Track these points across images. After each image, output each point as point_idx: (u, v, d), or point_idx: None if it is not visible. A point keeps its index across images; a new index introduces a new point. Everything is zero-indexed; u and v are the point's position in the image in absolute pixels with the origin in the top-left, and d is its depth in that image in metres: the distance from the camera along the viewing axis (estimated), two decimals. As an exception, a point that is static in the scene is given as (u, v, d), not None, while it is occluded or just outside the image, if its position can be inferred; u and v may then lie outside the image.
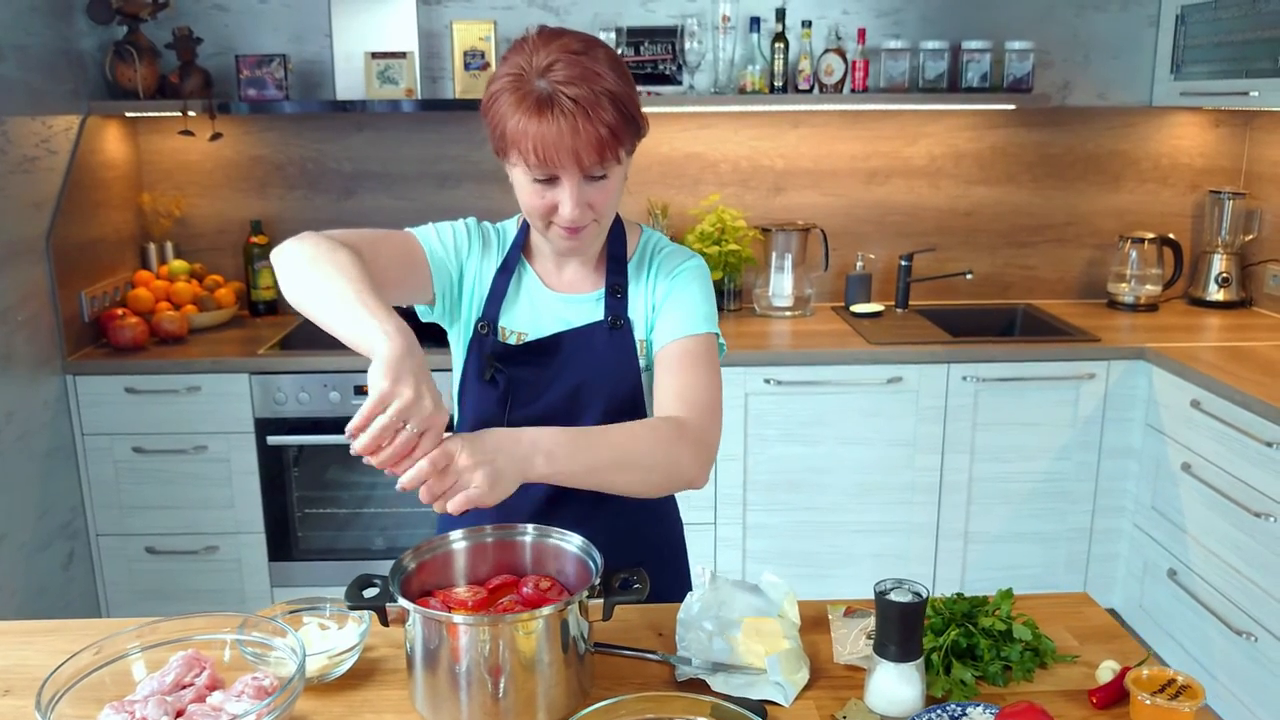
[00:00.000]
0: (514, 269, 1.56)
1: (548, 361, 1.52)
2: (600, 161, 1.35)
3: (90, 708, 1.17)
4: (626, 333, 1.54)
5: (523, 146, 1.34)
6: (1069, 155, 3.60)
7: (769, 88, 3.32)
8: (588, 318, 1.54)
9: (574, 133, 1.31)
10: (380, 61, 3.22)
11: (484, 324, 1.54)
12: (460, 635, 1.17)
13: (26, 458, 2.84)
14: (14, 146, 2.78)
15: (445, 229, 1.58)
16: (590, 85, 1.32)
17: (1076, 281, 3.71)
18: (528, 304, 1.56)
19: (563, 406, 1.51)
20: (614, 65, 1.37)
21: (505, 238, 1.60)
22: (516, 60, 1.35)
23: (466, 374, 1.57)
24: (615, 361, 1.53)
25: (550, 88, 1.31)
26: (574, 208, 1.38)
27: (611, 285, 1.55)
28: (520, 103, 1.33)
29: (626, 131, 1.36)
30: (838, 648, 1.39)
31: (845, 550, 3.22)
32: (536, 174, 1.37)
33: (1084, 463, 3.17)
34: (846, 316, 3.48)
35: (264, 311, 3.54)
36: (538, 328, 1.54)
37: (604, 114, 1.32)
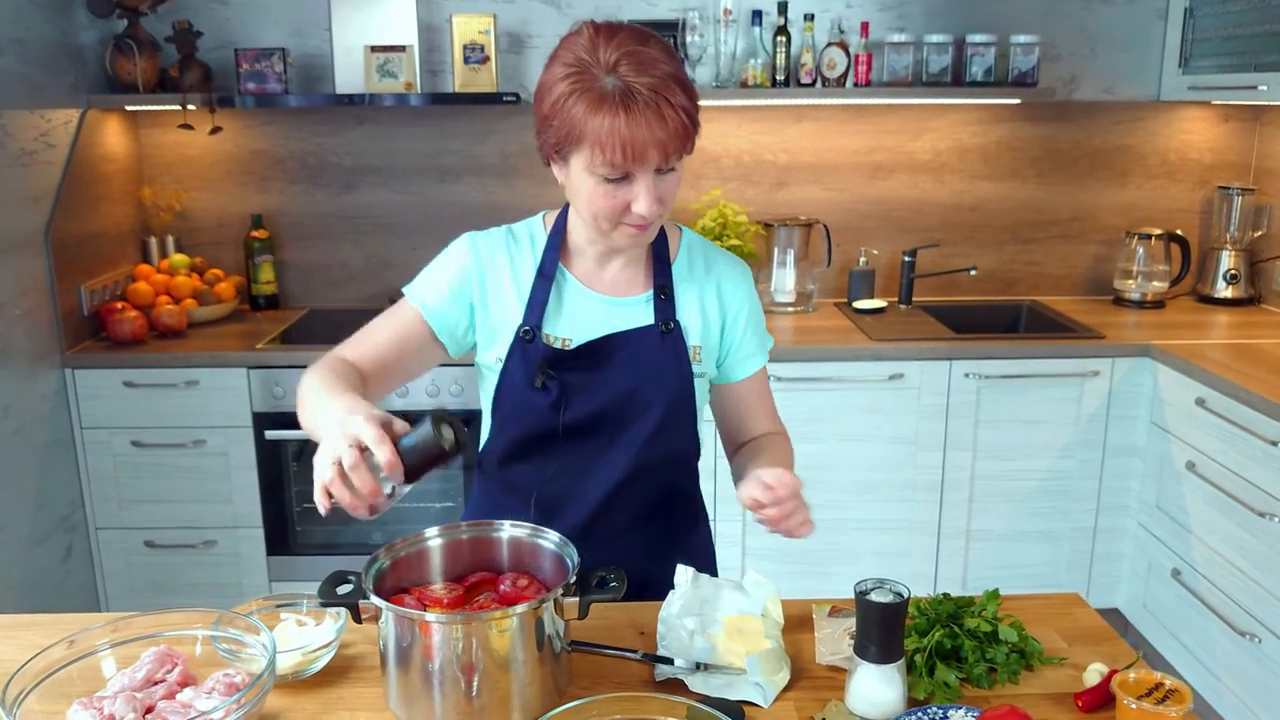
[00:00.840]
0: (553, 274, 1.51)
1: (598, 365, 1.49)
2: (682, 149, 1.33)
3: (59, 703, 1.16)
4: (677, 336, 1.51)
5: (608, 146, 1.29)
6: (1075, 150, 3.56)
7: (771, 81, 3.29)
8: (637, 321, 1.51)
9: (660, 123, 1.29)
10: (380, 55, 3.20)
11: (528, 331, 1.49)
12: (432, 633, 1.16)
13: (25, 451, 2.84)
14: (12, 140, 2.78)
15: (441, 276, 1.52)
16: (656, 72, 1.30)
17: (1082, 278, 3.67)
18: (571, 309, 1.51)
19: (616, 410, 1.49)
20: (668, 52, 1.35)
21: (535, 239, 1.54)
22: (574, 58, 1.32)
23: (508, 381, 1.51)
24: (669, 365, 1.51)
25: (624, 83, 1.29)
26: (651, 203, 1.34)
27: (659, 287, 1.52)
28: (600, 102, 1.29)
29: (697, 115, 1.35)
30: (820, 648, 1.37)
31: (846, 548, 3.19)
32: (613, 174, 1.33)
33: (1088, 461, 3.13)
34: (849, 312, 3.45)
35: (264, 306, 3.53)
36: (584, 332, 1.50)
37: (679, 99, 1.31)
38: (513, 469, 1.55)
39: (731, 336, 1.57)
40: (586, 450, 1.51)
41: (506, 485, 1.56)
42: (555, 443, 1.50)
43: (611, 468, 1.51)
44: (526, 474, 1.53)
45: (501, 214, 3.52)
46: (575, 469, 1.51)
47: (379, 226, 3.57)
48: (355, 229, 3.58)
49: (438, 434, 1.15)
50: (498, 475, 1.58)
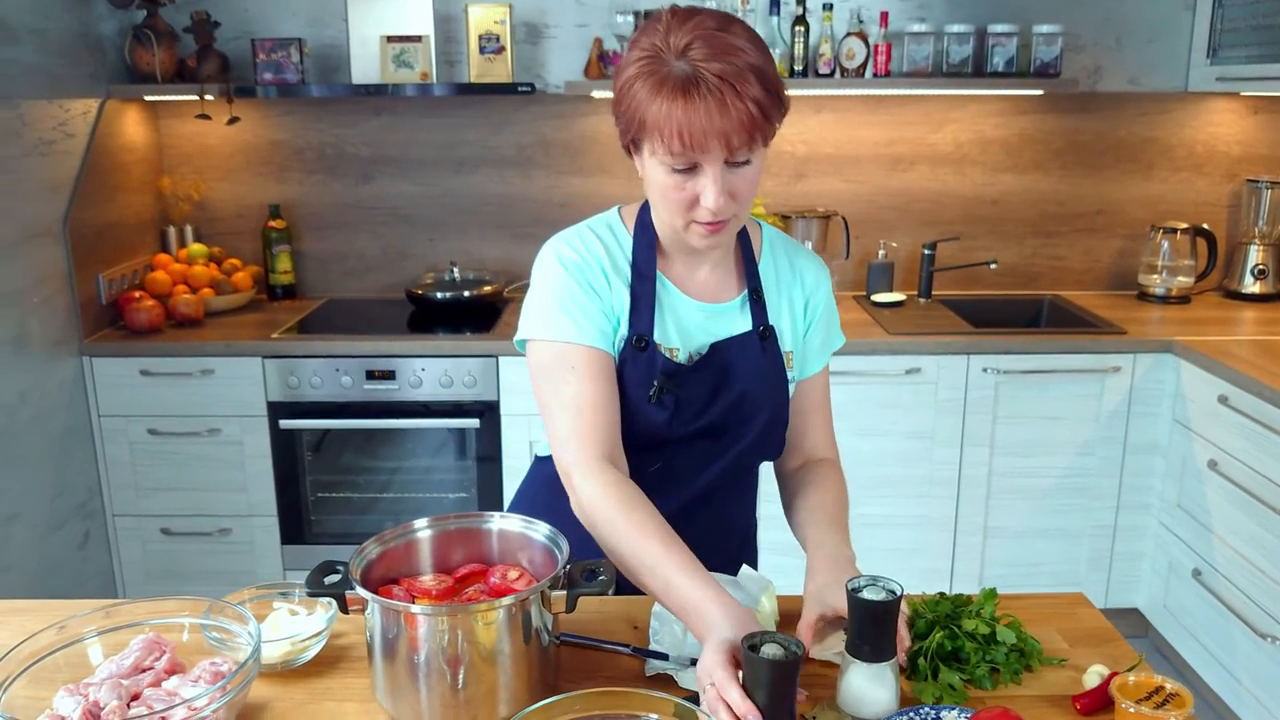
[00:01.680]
0: (653, 277, 1.43)
1: (708, 377, 1.44)
2: (749, 142, 1.25)
3: (47, 689, 1.16)
4: (773, 341, 1.48)
5: (666, 132, 1.25)
6: (1099, 142, 3.50)
7: (789, 72, 3.26)
8: (735, 327, 1.46)
9: (722, 112, 1.23)
10: (396, 45, 3.20)
11: (640, 340, 1.41)
12: (418, 625, 1.15)
13: (43, 438, 2.86)
14: (30, 130, 2.80)
15: (567, 299, 1.39)
16: (733, 60, 1.24)
17: (1106, 272, 3.62)
18: (672, 316, 1.44)
19: (723, 420, 1.46)
20: (753, 40, 1.28)
21: (621, 240, 1.46)
22: (648, 43, 1.28)
23: (625, 391, 1.42)
24: (770, 372, 1.47)
25: (692, 68, 1.23)
26: (718, 196, 1.27)
27: (751, 290, 1.47)
28: (661, 86, 1.24)
29: (774, 109, 1.27)
30: (814, 643, 1.34)
31: (860, 544, 3.11)
32: (677, 163, 1.28)
33: (1108, 458, 3.08)
34: (867, 306, 3.42)
35: (281, 295, 3.54)
36: (688, 341, 1.45)
37: (751, 89, 1.23)
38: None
39: (806, 332, 1.52)
40: (687, 453, 1.47)
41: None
42: (661, 446, 1.46)
43: (706, 470, 1.49)
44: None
45: (518, 205, 3.52)
46: (672, 470, 1.47)
47: (396, 217, 3.57)
48: (372, 219, 3.58)
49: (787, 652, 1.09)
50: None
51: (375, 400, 3.05)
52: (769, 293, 1.49)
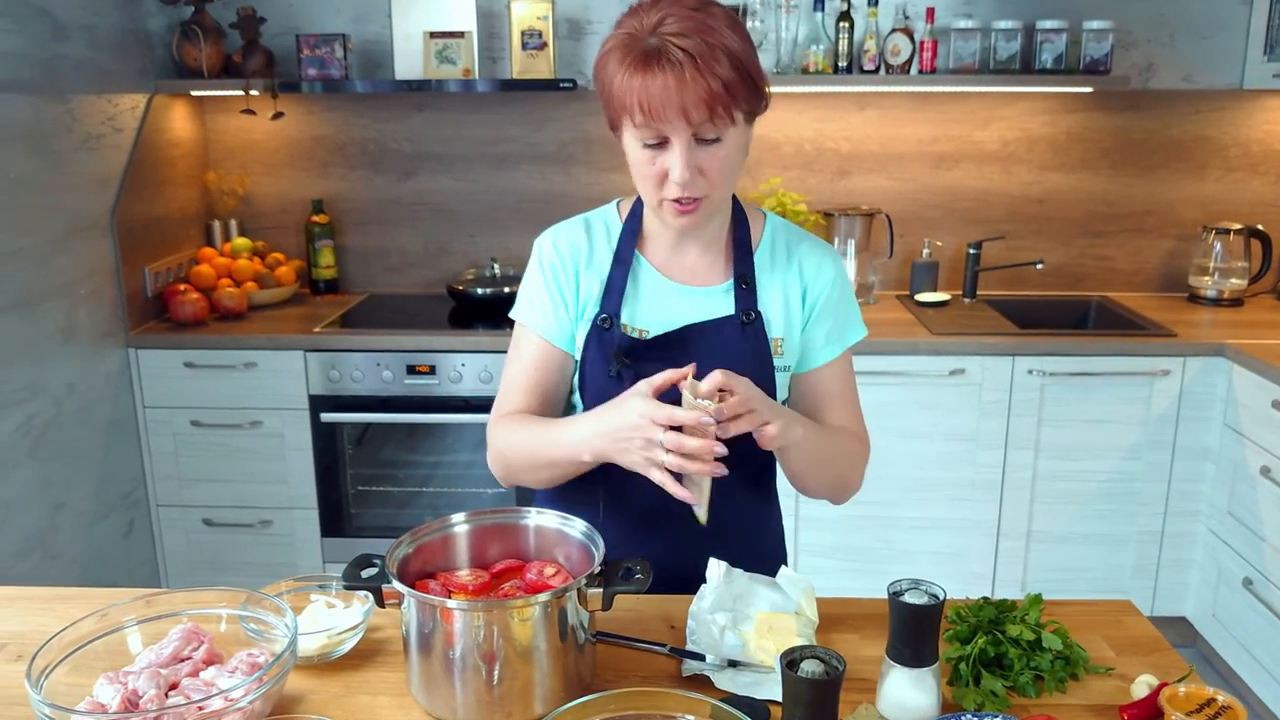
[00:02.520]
0: (629, 261, 1.48)
1: (677, 356, 1.43)
2: (710, 118, 1.27)
3: (87, 677, 1.17)
4: (758, 328, 1.46)
5: (629, 103, 1.28)
6: (1151, 141, 3.43)
7: (833, 68, 3.22)
8: (716, 311, 1.46)
9: (681, 85, 1.25)
10: (439, 41, 3.21)
11: (605, 318, 1.46)
12: (453, 620, 1.14)
13: (89, 428, 2.90)
14: (80, 124, 2.84)
15: (537, 290, 1.50)
16: (704, 38, 1.25)
17: (1156, 273, 3.54)
18: (649, 298, 1.47)
19: None
20: (733, 24, 1.30)
21: (610, 227, 1.51)
22: (628, 23, 1.31)
23: (589, 369, 1.48)
24: (751, 359, 1.45)
25: (659, 41, 1.26)
26: (683, 170, 1.30)
27: (740, 276, 1.47)
28: (626, 58, 1.28)
29: (742, 91, 1.28)
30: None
31: (902, 547, 3.13)
32: (646, 136, 1.31)
33: (1156, 463, 3.02)
34: (910, 305, 3.38)
35: (324, 290, 3.57)
36: (658, 321, 1.46)
37: (717, 68, 1.25)
38: None
39: (808, 320, 1.50)
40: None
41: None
42: None
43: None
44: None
45: (559, 201, 3.52)
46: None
47: (438, 213, 3.59)
48: (414, 215, 3.59)
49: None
50: None
51: (416, 395, 3.06)
52: (762, 280, 1.49)
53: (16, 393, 2.60)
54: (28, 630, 1.39)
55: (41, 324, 2.69)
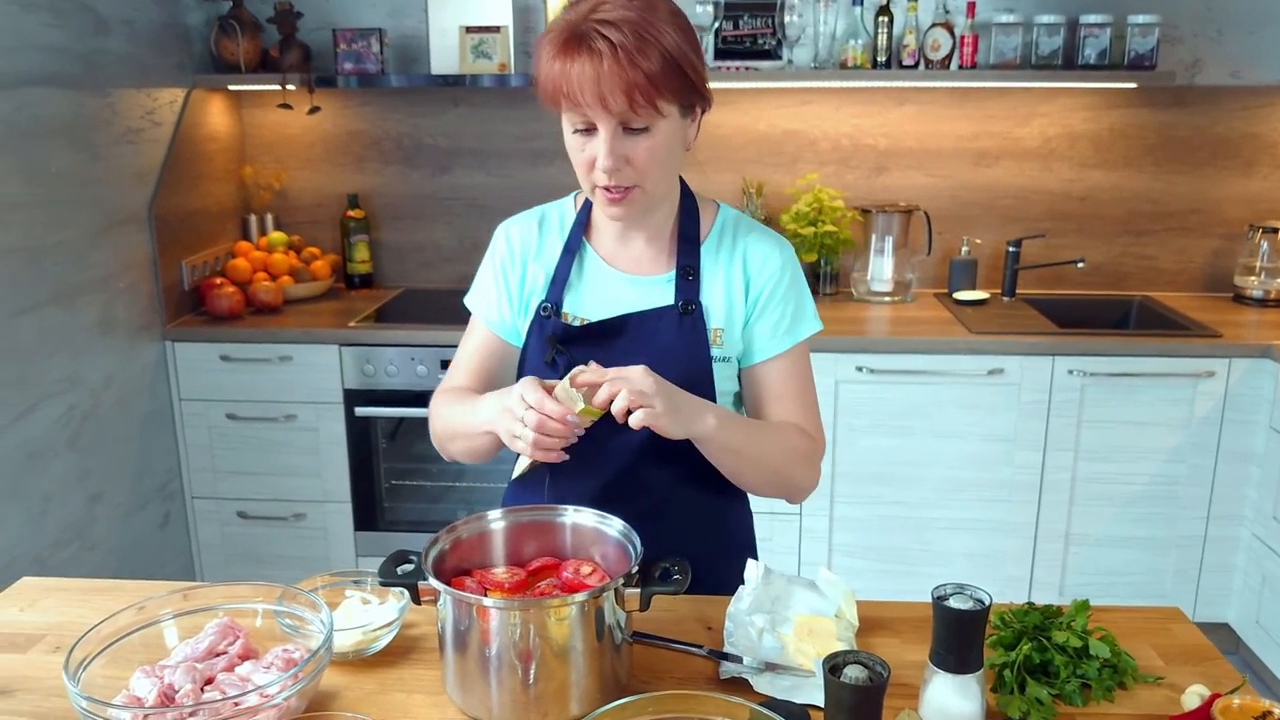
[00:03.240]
0: (576, 250, 1.49)
1: (611, 345, 1.45)
2: (630, 107, 1.27)
3: (125, 669, 1.17)
4: (697, 319, 1.45)
5: (551, 88, 1.29)
6: (1196, 138, 3.36)
7: (871, 63, 3.19)
8: (656, 301, 1.46)
9: (599, 72, 1.25)
10: (474, 36, 3.20)
11: (547, 307, 1.48)
12: (490, 619, 1.13)
13: (126, 420, 2.92)
14: (119, 118, 2.86)
15: (487, 280, 1.55)
16: (634, 28, 1.26)
17: (1200, 273, 3.48)
18: (592, 287, 1.49)
19: None
20: (674, 20, 1.30)
21: (564, 218, 1.53)
22: (570, 9, 1.31)
23: (528, 356, 1.51)
24: (685, 349, 1.45)
25: (588, 27, 1.27)
26: (606, 156, 1.30)
27: (683, 267, 1.46)
28: (554, 43, 1.29)
29: (669, 83, 1.28)
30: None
31: (937, 548, 3.09)
32: (575, 121, 1.32)
33: (1199, 466, 2.96)
34: (949, 304, 3.33)
35: (359, 284, 3.57)
36: (601, 310, 1.47)
37: (641, 60, 1.25)
38: None
39: (751, 313, 1.47)
40: (597, 429, 1.42)
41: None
42: None
43: (623, 447, 1.44)
44: None
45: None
46: (588, 448, 1.42)
47: (472, 208, 3.58)
48: (449, 210, 3.59)
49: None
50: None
51: (448, 390, 3.06)
52: (706, 269, 1.47)
53: (56, 384, 2.62)
54: (66, 621, 1.40)
55: (80, 316, 2.72)
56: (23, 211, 2.48)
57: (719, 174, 3.47)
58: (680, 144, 1.37)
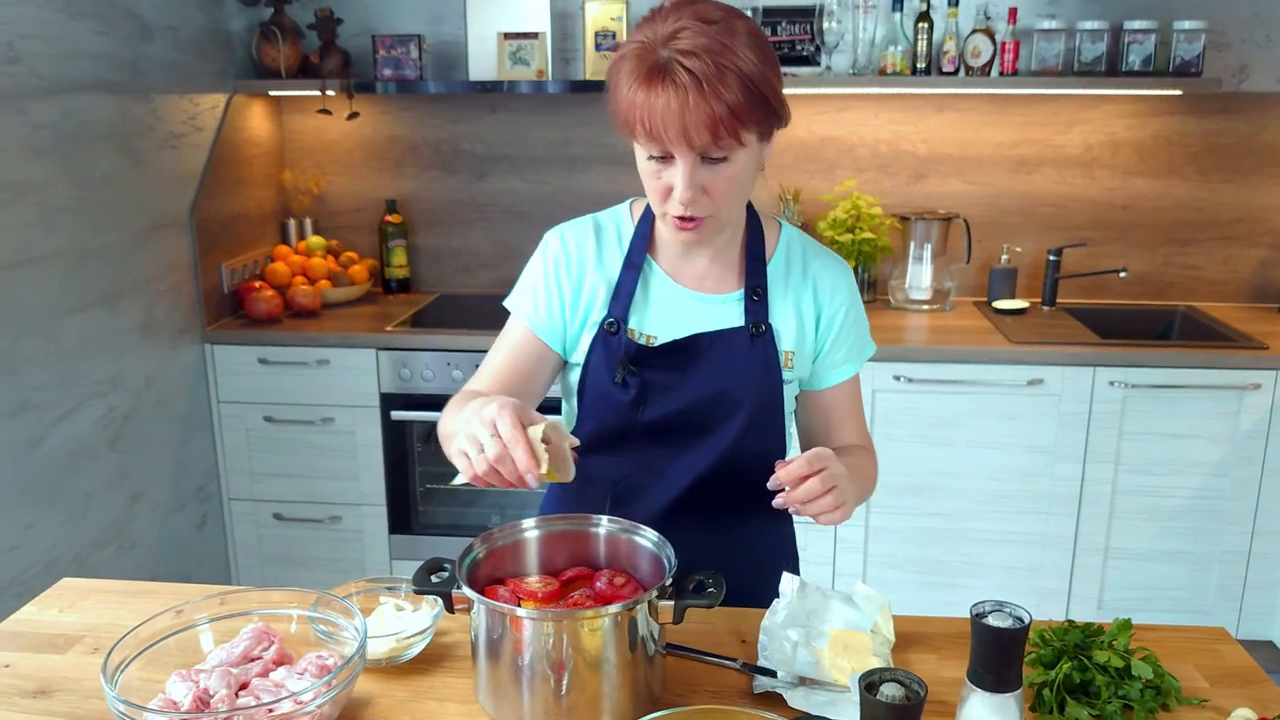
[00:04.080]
0: (640, 265, 1.46)
1: (683, 365, 1.43)
2: (713, 141, 1.24)
3: (161, 672, 1.18)
4: (769, 341, 1.44)
5: (631, 118, 1.26)
6: (1243, 145, 3.30)
7: (911, 69, 3.16)
8: (726, 321, 1.44)
9: (684, 107, 1.22)
10: (512, 42, 3.21)
11: (612, 323, 1.44)
12: (523, 628, 1.13)
13: (165, 422, 2.96)
14: (162, 124, 2.89)
15: (536, 282, 1.49)
16: (716, 58, 1.22)
17: (1246, 283, 3.41)
18: (658, 304, 1.46)
19: (700, 412, 1.44)
20: (754, 42, 1.26)
21: (621, 229, 1.50)
22: (644, 29, 1.28)
23: (591, 373, 1.47)
24: (758, 371, 1.44)
25: (669, 55, 1.23)
26: (685, 189, 1.28)
27: (751, 287, 1.45)
28: (634, 71, 1.25)
29: (753, 114, 1.25)
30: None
31: (975, 560, 3.05)
32: (651, 149, 1.29)
33: (1244, 480, 2.91)
34: (988, 312, 3.30)
35: (396, 289, 3.60)
36: (670, 329, 1.44)
37: (725, 91, 1.21)
38: (590, 460, 1.48)
39: (824, 341, 1.48)
40: (665, 449, 1.45)
41: (585, 476, 1.49)
42: (633, 439, 1.46)
43: (690, 468, 1.45)
44: (603, 467, 1.48)
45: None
46: (652, 467, 1.46)
47: (509, 214, 3.59)
48: (486, 216, 3.60)
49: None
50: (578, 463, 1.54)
51: (483, 395, 3.06)
52: (774, 293, 1.46)
53: (98, 385, 2.65)
54: (104, 623, 1.41)
55: (122, 319, 2.75)
56: (69, 215, 2.52)
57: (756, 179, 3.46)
58: (755, 168, 1.35)
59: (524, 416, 1.16)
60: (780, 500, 1.24)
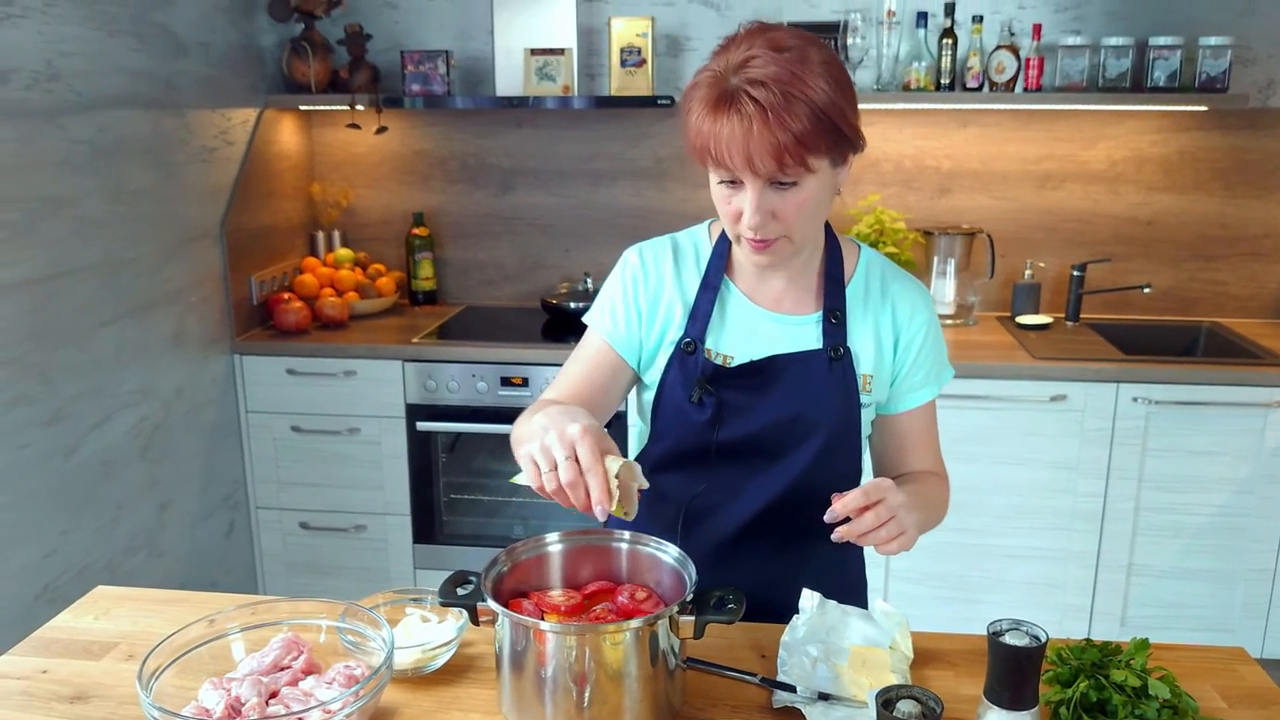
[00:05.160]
0: (717, 286, 1.47)
1: (760, 386, 1.44)
2: (779, 168, 1.25)
3: (194, 680, 1.21)
4: (847, 364, 1.44)
5: (699, 145, 1.28)
6: (1269, 162, 3.29)
7: (935, 85, 3.17)
8: (804, 343, 1.45)
9: (748, 135, 1.23)
10: (539, 58, 3.25)
11: (689, 343, 1.45)
12: (546, 641, 1.15)
13: (195, 431, 3.00)
14: (194, 137, 2.95)
15: (615, 298, 1.50)
16: (784, 87, 1.23)
17: (1273, 299, 3.40)
18: (736, 324, 1.47)
19: (776, 434, 1.45)
20: (827, 70, 1.26)
21: (699, 249, 1.51)
22: (718, 58, 1.29)
23: (667, 392, 1.48)
24: (836, 395, 1.44)
25: (738, 83, 1.24)
26: (753, 214, 1.29)
27: (829, 310, 1.45)
28: (704, 99, 1.27)
29: (820, 143, 1.25)
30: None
31: (997, 575, 3.05)
32: (720, 174, 1.31)
33: (1270, 498, 2.89)
34: (1011, 328, 3.30)
35: (423, 301, 3.63)
36: (747, 349, 1.45)
37: (791, 121, 1.22)
38: (664, 478, 1.50)
39: (902, 365, 1.48)
40: (740, 470, 1.46)
41: (658, 493, 1.51)
42: (708, 459, 1.46)
43: (764, 490, 1.46)
44: (678, 485, 1.49)
45: (653, 217, 3.53)
46: (726, 487, 1.47)
47: (534, 227, 3.63)
48: (511, 229, 3.64)
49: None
50: (650, 482, 1.55)
51: (509, 406, 3.10)
52: (853, 315, 1.46)
53: (130, 395, 2.70)
54: (137, 631, 1.44)
55: (154, 329, 2.80)
56: (104, 228, 2.57)
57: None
58: (829, 193, 1.35)
59: (604, 445, 1.17)
60: (838, 534, 1.23)
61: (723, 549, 1.45)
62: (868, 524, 1.22)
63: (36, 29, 2.32)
